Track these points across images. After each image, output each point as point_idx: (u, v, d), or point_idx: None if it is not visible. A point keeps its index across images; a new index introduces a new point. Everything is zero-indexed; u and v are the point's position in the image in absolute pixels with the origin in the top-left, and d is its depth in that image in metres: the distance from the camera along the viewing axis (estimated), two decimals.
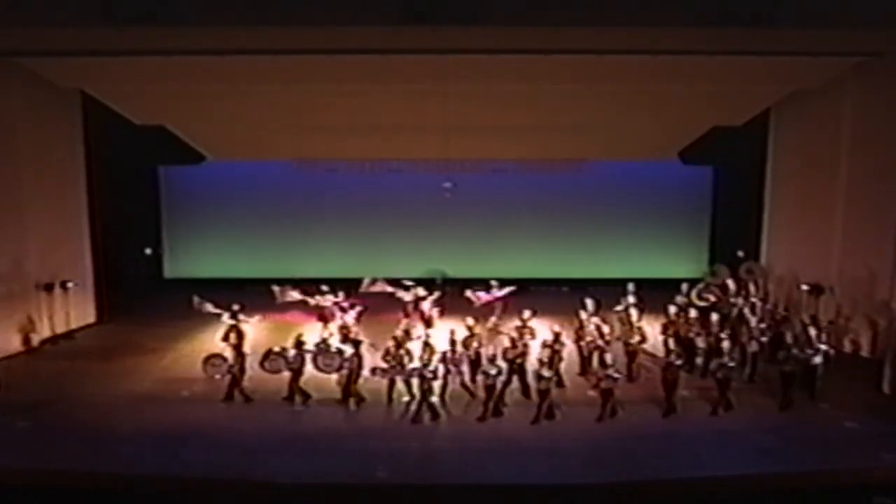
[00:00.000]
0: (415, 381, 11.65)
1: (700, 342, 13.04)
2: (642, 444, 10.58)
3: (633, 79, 14.24)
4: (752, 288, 14.99)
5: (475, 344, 12.50)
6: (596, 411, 11.33)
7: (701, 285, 15.00)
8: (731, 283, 15.06)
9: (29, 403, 11.83)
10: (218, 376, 11.99)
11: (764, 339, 13.14)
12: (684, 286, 14.84)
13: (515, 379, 12.02)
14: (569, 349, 13.00)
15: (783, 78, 14.68)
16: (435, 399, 11.41)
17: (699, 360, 13.03)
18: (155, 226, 20.85)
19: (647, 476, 9.67)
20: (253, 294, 19.38)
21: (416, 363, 11.60)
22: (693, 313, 13.81)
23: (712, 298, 14.62)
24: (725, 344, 12.02)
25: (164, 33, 12.47)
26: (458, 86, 14.16)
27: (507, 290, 15.94)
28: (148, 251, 20.54)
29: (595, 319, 13.43)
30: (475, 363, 12.23)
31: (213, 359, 12.07)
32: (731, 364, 11.74)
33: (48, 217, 15.58)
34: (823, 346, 12.31)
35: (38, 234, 15.27)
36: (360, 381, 11.97)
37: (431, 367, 11.39)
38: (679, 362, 11.74)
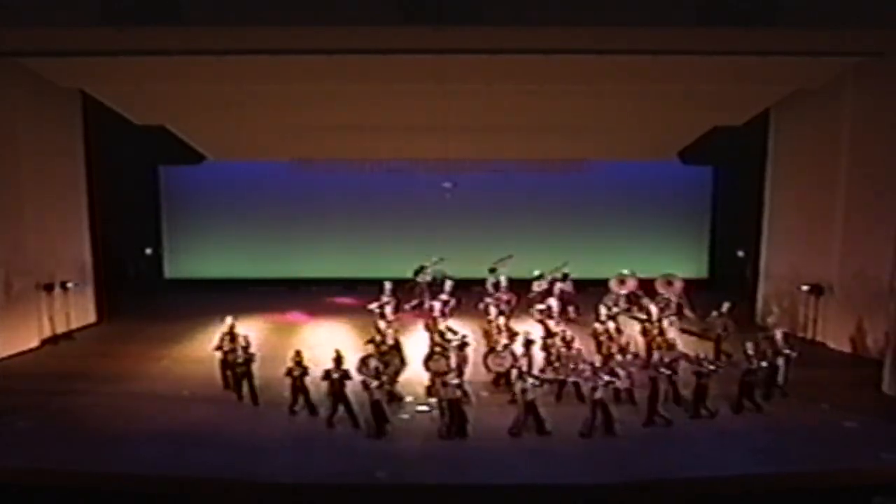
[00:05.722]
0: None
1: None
2: (642, 444, 10.59)
3: (632, 79, 14.22)
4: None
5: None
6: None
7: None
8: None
9: (29, 403, 11.83)
10: (501, 369, 11.58)
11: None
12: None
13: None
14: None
15: (783, 78, 14.66)
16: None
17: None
18: (155, 226, 20.86)
19: (647, 476, 9.67)
20: (253, 294, 19.64)
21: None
22: None
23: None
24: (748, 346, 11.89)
25: (164, 33, 12.48)
26: (458, 86, 14.17)
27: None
28: (148, 251, 20.55)
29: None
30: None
31: (493, 353, 11.64)
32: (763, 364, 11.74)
33: (48, 217, 15.57)
34: (787, 351, 12.31)
35: (39, 235, 15.25)
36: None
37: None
38: (713, 367, 11.46)
